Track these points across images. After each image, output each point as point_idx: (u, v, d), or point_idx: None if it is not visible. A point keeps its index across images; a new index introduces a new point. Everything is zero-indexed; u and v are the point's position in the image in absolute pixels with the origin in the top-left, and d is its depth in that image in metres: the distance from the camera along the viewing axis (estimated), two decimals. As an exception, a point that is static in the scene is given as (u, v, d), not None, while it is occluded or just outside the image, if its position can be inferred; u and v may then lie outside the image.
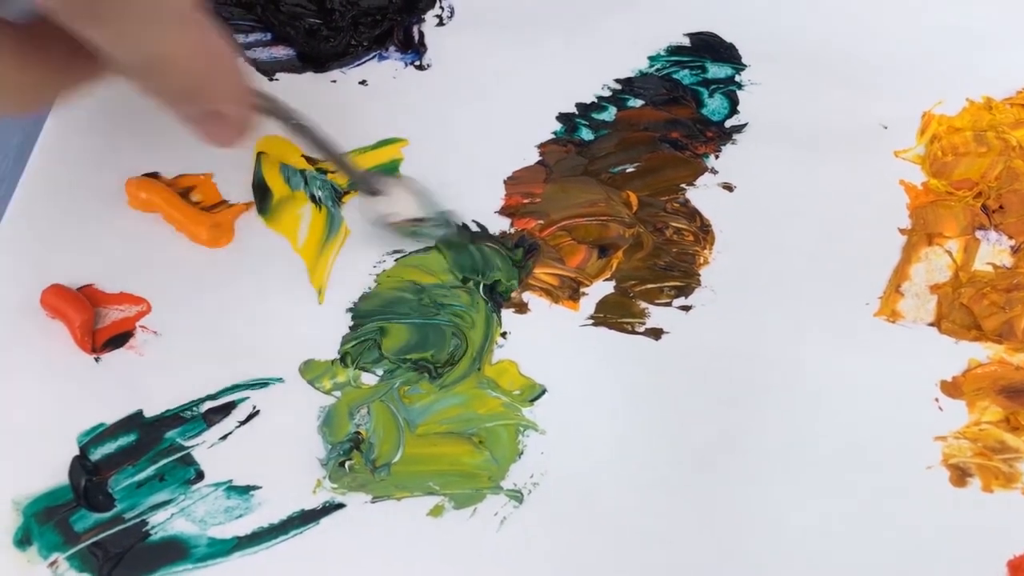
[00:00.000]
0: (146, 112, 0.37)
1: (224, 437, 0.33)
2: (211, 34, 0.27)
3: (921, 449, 0.33)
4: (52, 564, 0.31)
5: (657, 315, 0.35)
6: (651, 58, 0.40)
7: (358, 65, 0.39)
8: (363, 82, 0.39)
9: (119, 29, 0.25)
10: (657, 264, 0.35)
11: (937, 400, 0.33)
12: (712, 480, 0.32)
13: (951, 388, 0.33)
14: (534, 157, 0.38)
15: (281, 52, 0.39)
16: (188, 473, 0.32)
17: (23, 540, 0.31)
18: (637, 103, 0.39)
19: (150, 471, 0.32)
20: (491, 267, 0.35)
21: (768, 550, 0.31)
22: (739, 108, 0.39)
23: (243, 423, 0.33)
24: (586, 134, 0.38)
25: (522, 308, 0.35)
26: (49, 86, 0.27)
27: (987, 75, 0.39)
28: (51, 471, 0.32)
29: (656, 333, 0.34)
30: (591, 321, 0.35)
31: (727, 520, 0.32)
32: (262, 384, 0.33)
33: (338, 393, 0.33)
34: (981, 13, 0.41)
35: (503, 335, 0.34)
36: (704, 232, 0.36)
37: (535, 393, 0.33)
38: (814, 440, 0.33)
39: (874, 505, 0.32)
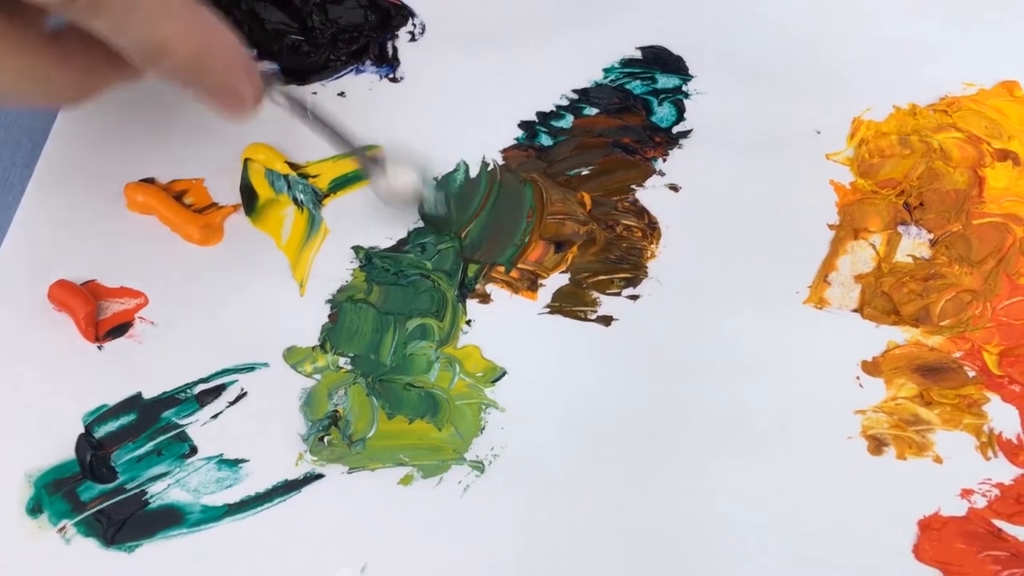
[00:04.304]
0: (143, 123, 0.41)
1: (215, 416, 0.35)
2: (204, 15, 0.29)
3: (843, 422, 0.35)
4: (61, 530, 0.33)
5: (608, 304, 0.38)
6: (605, 70, 0.42)
7: (337, 78, 0.42)
8: (341, 94, 0.41)
9: (117, 21, 0.27)
10: (608, 258, 0.38)
11: (858, 378, 0.36)
12: (654, 452, 0.35)
13: (871, 367, 0.36)
14: (498, 161, 0.40)
15: (266, 67, 0.42)
16: (183, 448, 0.35)
17: (35, 509, 0.33)
18: (592, 111, 0.41)
19: (148, 447, 0.34)
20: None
21: (705, 513, 0.34)
22: (686, 115, 0.41)
23: (232, 403, 0.35)
24: (545, 140, 0.41)
25: (485, 298, 0.38)
26: (88, 83, 0.30)
27: (913, 84, 0.42)
28: (60, 447, 0.34)
29: (606, 320, 0.37)
30: (548, 310, 0.37)
31: (668, 488, 0.34)
32: (249, 368, 0.36)
33: (318, 376, 0.36)
34: (908, 27, 0.43)
35: (468, 323, 0.37)
36: (651, 229, 0.39)
37: (496, 375, 0.36)
38: (748, 415, 0.35)
39: (800, 471, 0.35)
